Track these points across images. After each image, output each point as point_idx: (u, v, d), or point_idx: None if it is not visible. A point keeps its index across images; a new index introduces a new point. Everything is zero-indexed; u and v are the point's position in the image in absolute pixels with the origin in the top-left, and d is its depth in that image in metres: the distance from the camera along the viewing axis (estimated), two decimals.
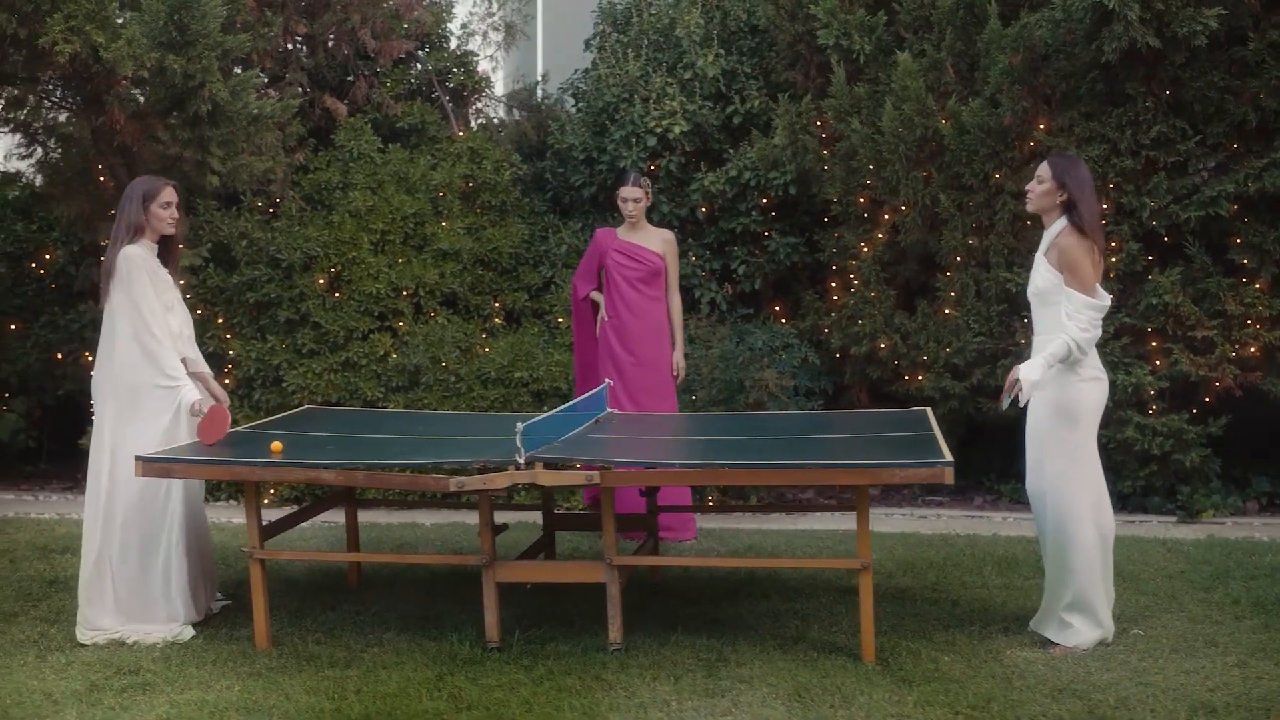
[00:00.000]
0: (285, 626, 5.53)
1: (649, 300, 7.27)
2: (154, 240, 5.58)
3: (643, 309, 7.26)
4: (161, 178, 5.71)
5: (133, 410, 5.43)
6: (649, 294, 7.27)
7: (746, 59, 9.03)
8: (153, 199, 5.53)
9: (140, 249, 5.49)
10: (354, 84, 9.31)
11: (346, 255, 8.67)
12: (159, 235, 5.59)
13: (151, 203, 5.53)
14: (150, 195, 5.53)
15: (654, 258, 7.25)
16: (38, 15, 6.77)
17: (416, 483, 5.00)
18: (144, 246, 5.52)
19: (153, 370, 5.43)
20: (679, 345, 7.34)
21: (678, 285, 7.40)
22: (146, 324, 5.42)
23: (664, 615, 5.60)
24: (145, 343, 5.42)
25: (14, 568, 6.79)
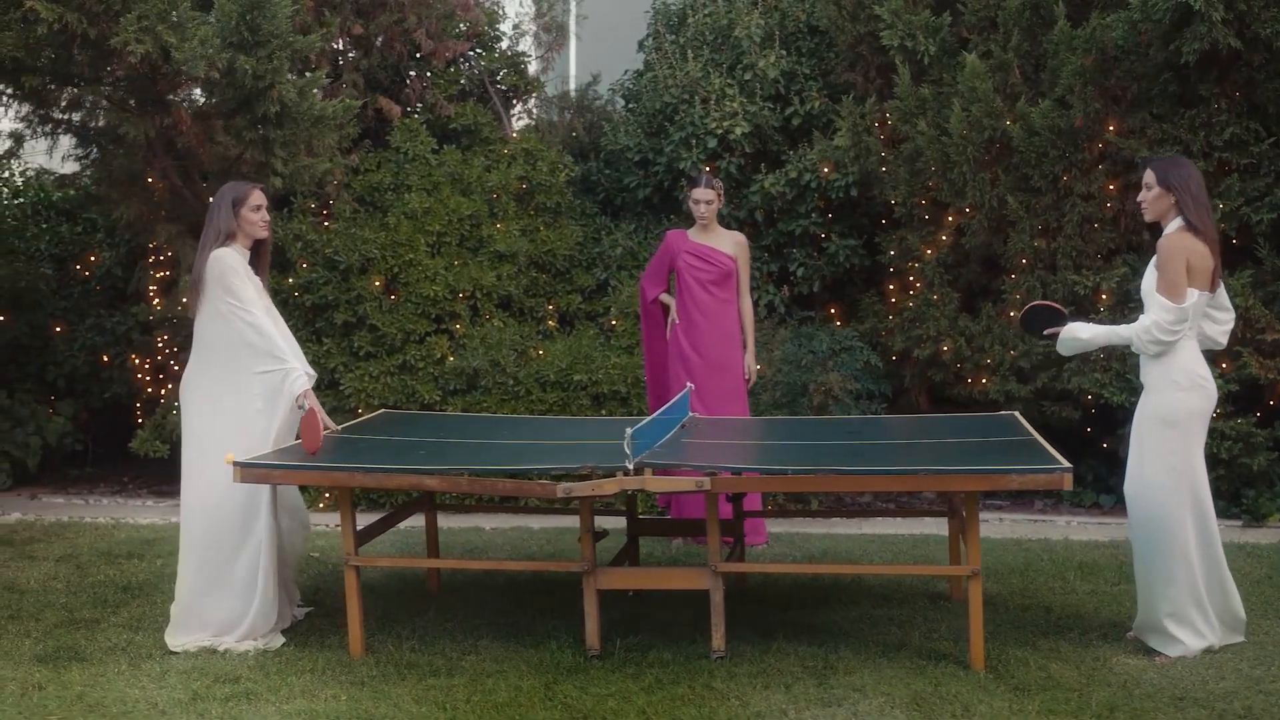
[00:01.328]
0: (374, 634, 5.46)
1: (720, 303, 7.21)
2: (246, 245, 5.51)
3: (714, 311, 7.20)
4: (249, 181, 5.64)
5: (224, 411, 5.34)
6: (720, 296, 7.20)
7: (805, 60, 8.97)
8: (242, 203, 5.45)
9: (231, 251, 5.41)
10: (407, 85, 9.23)
11: (403, 257, 8.60)
12: (250, 240, 5.52)
13: (241, 206, 5.45)
14: (240, 199, 5.45)
15: (726, 260, 7.19)
16: (109, 15, 6.70)
17: (523, 489, 4.94)
18: (236, 251, 5.44)
19: (254, 356, 5.33)
20: (750, 348, 7.28)
21: (749, 287, 7.35)
22: (247, 312, 5.32)
23: (757, 621, 5.53)
24: (244, 332, 5.32)
25: (82, 573, 6.71)
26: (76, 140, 8.58)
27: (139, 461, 9.29)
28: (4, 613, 5.94)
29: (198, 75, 6.72)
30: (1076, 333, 5.29)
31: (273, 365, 5.36)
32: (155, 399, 9.25)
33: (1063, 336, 5.31)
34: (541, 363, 8.43)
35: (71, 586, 6.43)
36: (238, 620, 5.33)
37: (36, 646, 5.41)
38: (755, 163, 8.87)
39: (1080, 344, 5.33)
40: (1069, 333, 5.30)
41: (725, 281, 7.21)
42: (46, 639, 5.53)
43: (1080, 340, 5.30)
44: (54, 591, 6.33)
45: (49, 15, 6.55)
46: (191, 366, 5.52)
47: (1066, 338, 5.32)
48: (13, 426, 9.21)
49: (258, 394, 5.36)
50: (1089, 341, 5.31)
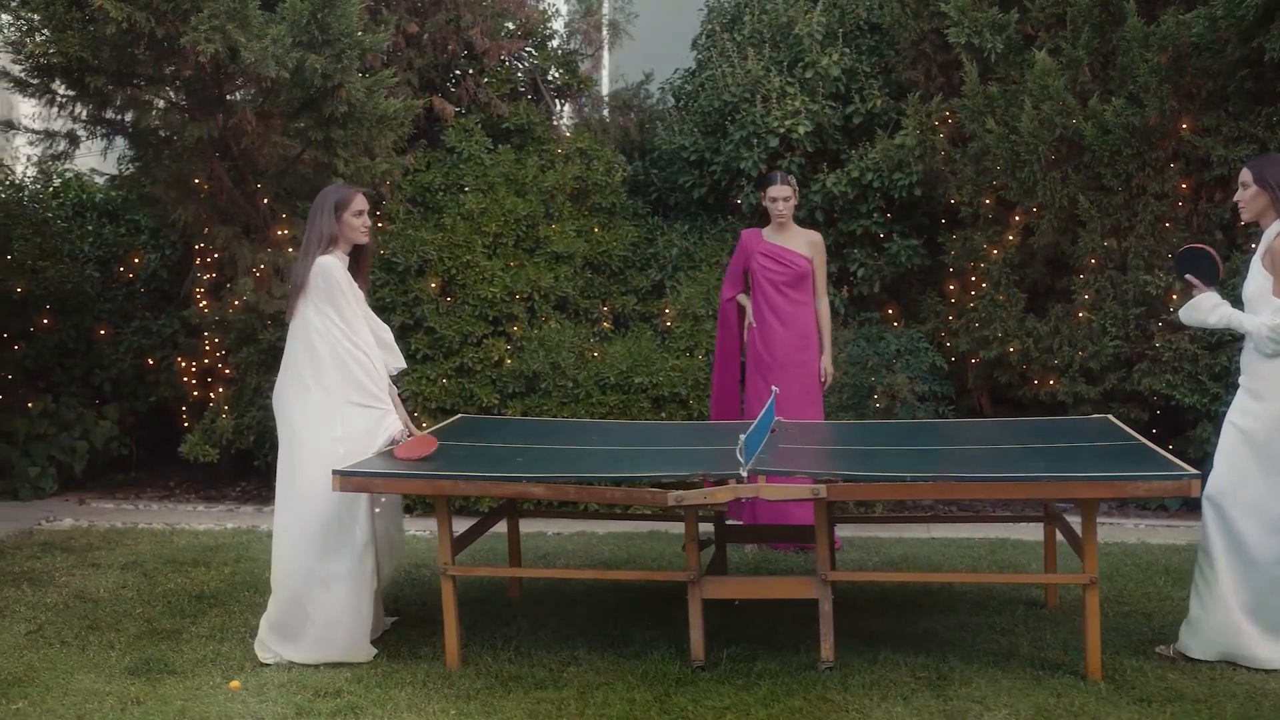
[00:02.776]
0: (465, 643, 5.32)
1: (794, 304, 7.10)
2: (346, 251, 5.39)
3: (788, 313, 7.09)
4: (350, 185, 5.53)
5: (324, 427, 5.23)
6: (795, 298, 7.09)
7: (865, 58, 8.86)
8: (345, 207, 5.33)
9: (335, 260, 5.30)
10: (460, 84, 9.11)
11: (460, 259, 8.49)
12: (350, 245, 5.40)
13: (344, 212, 5.33)
14: (342, 204, 5.33)
15: (800, 260, 7.08)
16: (177, 14, 6.58)
17: (632, 497, 4.83)
18: (337, 257, 5.33)
19: (351, 388, 5.24)
20: (827, 350, 7.16)
21: (826, 288, 7.22)
22: (351, 340, 5.23)
23: (855, 630, 5.42)
24: (346, 359, 5.22)
25: (150, 582, 6.59)
26: (128, 142, 8.47)
27: (185, 465, 9.19)
28: (81, 623, 5.83)
29: (268, 74, 6.60)
30: (1203, 302, 5.15)
31: (370, 402, 5.27)
32: (203, 403, 9.13)
33: (1194, 300, 5.17)
34: (601, 365, 8.32)
35: (143, 595, 6.31)
36: (331, 633, 5.21)
37: (124, 659, 5.29)
38: (815, 162, 8.76)
39: (1201, 315, 5.17)
40: (1202, 299, 5.15)
41: (799, 283, 7.09)
42: (132, 650, 5.41)
43: (1202, 310, 5.14)
44: (126, 601, 6.21)
45: (118, 14, 6.44)
46: (284, 374, 5.40)
47: (1196, 303, 5.17)
48: (59, 431, 9.10)
49: (353, 418, 5.25)
50: (1211, 311, 5.13)
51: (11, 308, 9.15)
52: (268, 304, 8.19)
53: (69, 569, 6.86)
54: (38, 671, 5.13)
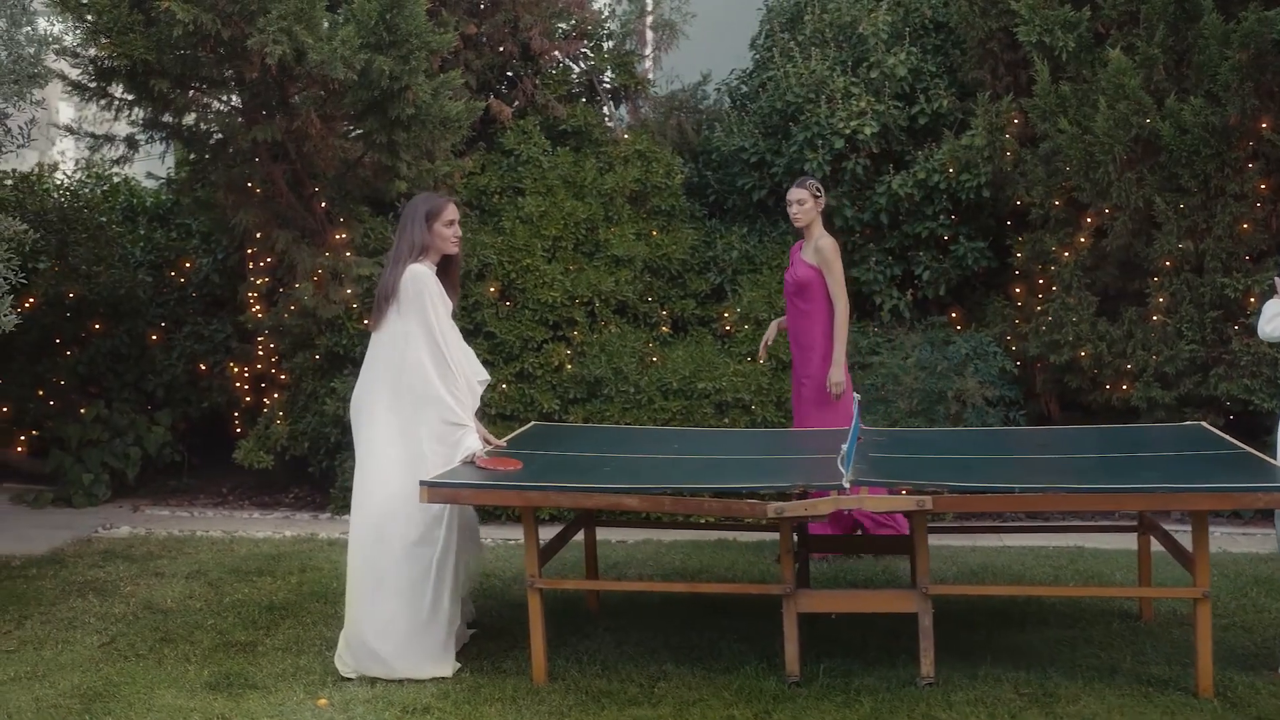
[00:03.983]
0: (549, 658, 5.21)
1: (799, 314, 6.93)
2: (435, 260, 5.27)
3: (793, 323, 6.98)
4: (442, 194, 5.42)
5: (406, 439, 5.11)
6: (801, 307, 6.91)
7: (931, 57, 8.71)
8: (436, 216, 5.22)
9: (428, 270, 5.18)
10: (517, 86, 9.00)
11: (520, 263, 8.37)
12: (439, 255, 5.28)
13: (435, 221, 5.22)
14: (434, 212, 5.22)
15: (801, 269, 6.88)
16: (244, 16, 6.48)
17: (731, 509, 4.70)
18: (427, 266, 5.21)
19: (434, 401, 5.12)
20: (833, 360, 6.80)
21: (838, 296, 6.81)
22: (441, 352, 5.12)
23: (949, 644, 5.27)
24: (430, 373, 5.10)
25: (216, 592, 6.49)
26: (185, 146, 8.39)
27: (237, 472, 9.10)
28: (153, 634, 5.73)
29: (335, 76, 6.49)
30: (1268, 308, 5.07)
31: (452, 417, 5.16)
32: (255, 408, 9.04)
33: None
34: (663, 370, 8.20)
35: (212, 606, 6.21)
36: (413, 647, 5.09)
37: (202, 672, 5.20)
38: (879, 164, 8.62)
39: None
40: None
41: (803, 292, 6.88)
42: (209, 664, 5.31)
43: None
44: (195, 611, 6.12)
45: (185, 16, 6.34)
46: (364, 382, 5.29)
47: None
48: (112, 437, 9.02)
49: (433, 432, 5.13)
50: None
51: (65, 313, 9.07)
52: (325, 309, 8.08)
53: (133, 578, 6.77)
54: (117, 686, 5.04)
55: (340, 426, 8.37)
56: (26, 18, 6.01)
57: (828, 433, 5.85)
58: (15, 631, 5.80)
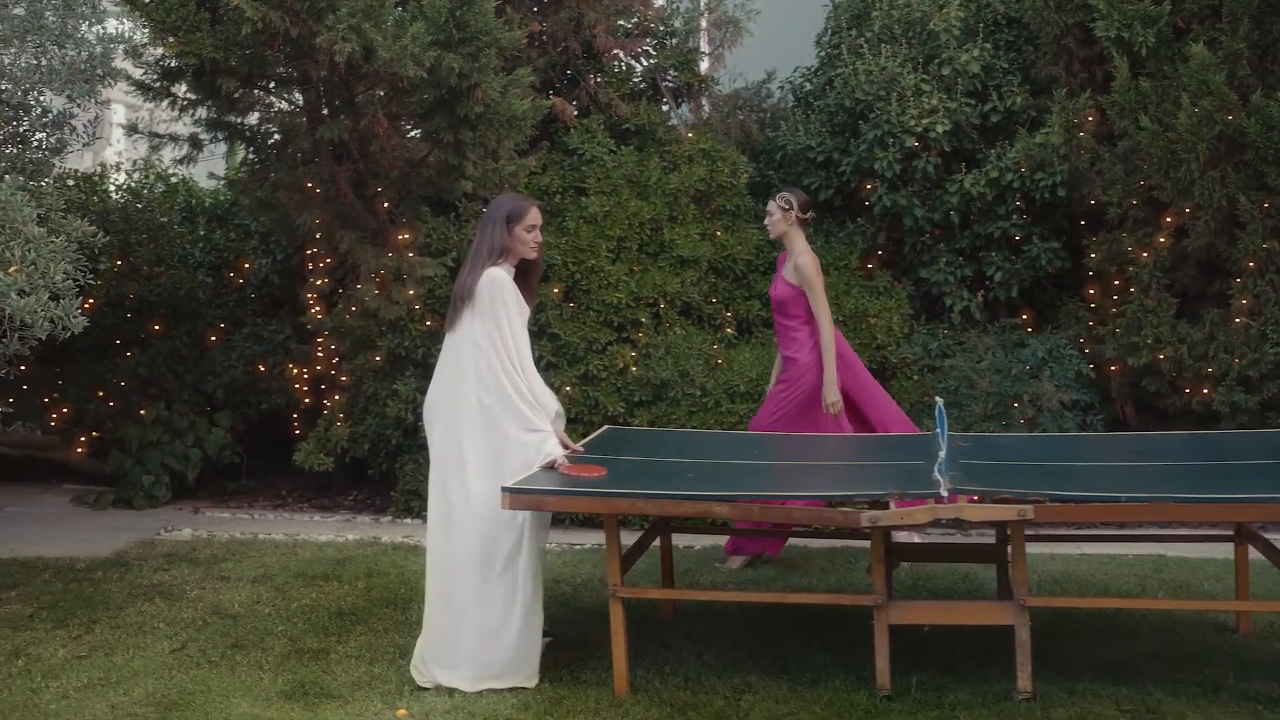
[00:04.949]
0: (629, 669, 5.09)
1: (783, 328, 6.86)
2: (513, 264, 5.16)
3: (780, 336, 6.92)
4: (524, 196, 5.29)
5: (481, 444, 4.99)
6: (784, 322, 6.84)
7: (1004, 53, 8.52)
8: (518, 220, 5.10)
9: (505, 275, 5.07)
10: (579, 84, 8.88)
11: (585, 263, 8.25)
12: (518, 259, 5.17)
13: (517, 224, 5.10)
14: (515, 216, 5.10)
15: (781, 286, 6.81)
16: (312, 13, 6.40)
17: (823, 517, 4.56)
18: (505, 270, 5.10)
19: (508, 408, 5.00)
20: (826, 382, 6.58)
21: (821, 314, 6.66)
22: (516, 358, 5.00)
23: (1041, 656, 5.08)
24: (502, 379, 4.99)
25: (283, 597, 6.40)
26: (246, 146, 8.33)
27: (296, 474, 9.04)
28: (224, 641, 5.65)
29: (405, 74, 6.39)
30: None
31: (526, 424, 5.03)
32: (315, 410, 8.96)
33: None
34: (730, 373, 8.06)
35: (280, 611, 6.12)
36: (492, 656, 4.98)
37: (276, 681, 5.10)
38: (950, 162, 8.44)
39: None
40: None
41: (783, 308, 6.81)
42: (282, 672, 5.22)
43: None
44: (264, 617, 6.03)
45: (254, 14, 6.26)
46: (437, 385, 5.18)
47: None
48: (172, 438, 8.96)
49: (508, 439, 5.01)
50: None
51: (126, 314, 9.04)
52: (387, 310, 8.00)
53: (199, 582, 6.70)
54: (192, 694, 4.95)
55: (402, 429, 8.30)
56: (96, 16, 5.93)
57: (910, 438, 5.71)
58: (85, 636, 5.74)
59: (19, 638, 5.70)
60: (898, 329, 8.44)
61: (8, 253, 5.23)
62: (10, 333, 5.32)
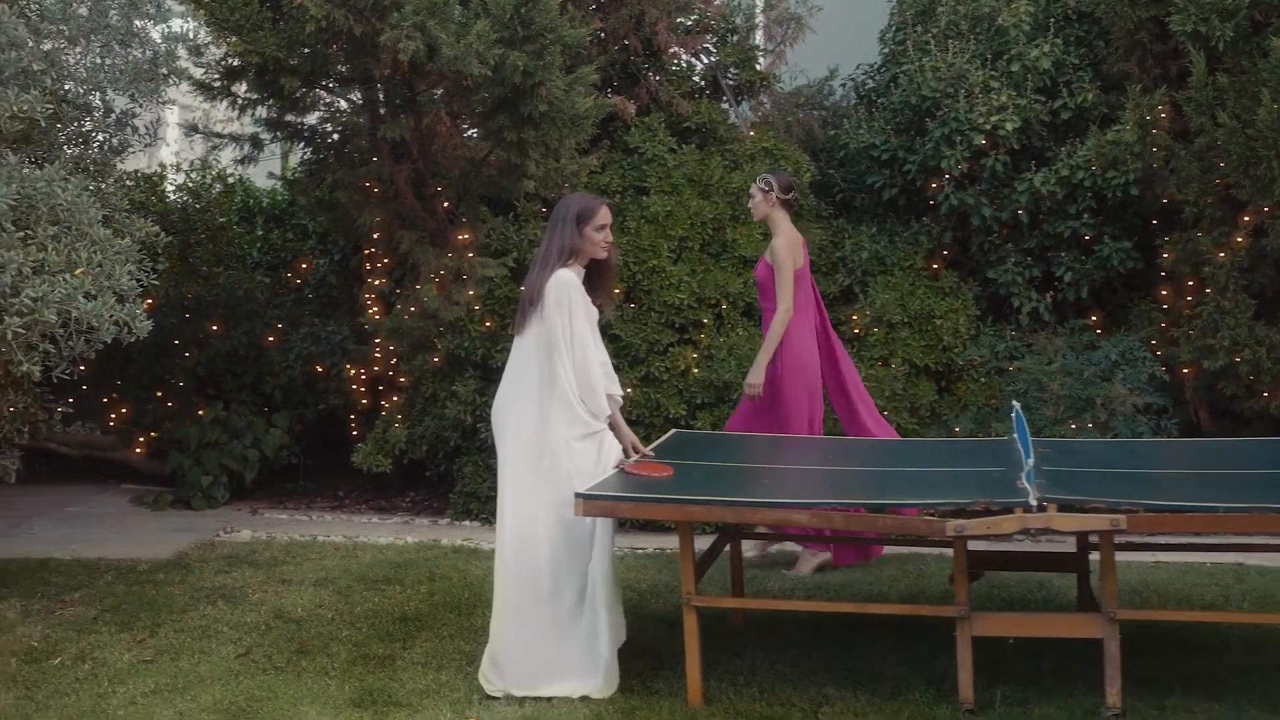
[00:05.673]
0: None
1: (764, 312, 6.80)
2: (583, 265, 5.06)
3: (763, 323, 6.82)
4: (594, 195, 5.19)
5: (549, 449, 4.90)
6: (764, 305, 6.79)
7: (1074, 49, 8.33)
8: (588, 220, 4.99)
9: (574, 276, 4.97)
10: (639, 83, 8.77)
11: (646, 264, 8.14)
12: (588, 259, 5.07)
13: (587, 224, 4.99)
14: (585, 216, 4.99)
15: (760, 267, 6.74)
16: (376, 11, 6.33)
17: (906, 526, 4.43)
18: (575, 272, 5.00)
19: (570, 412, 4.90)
20: (756, 363, 6.56)
21: (781, 297, 6.52)
22: (581, 358, 4.90)
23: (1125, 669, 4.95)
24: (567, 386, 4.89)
25: (346, 601, 6.34)
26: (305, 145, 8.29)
27: (353, 475, 9.01)
28: (289, 646, 5.59)
29: (469, 73, 6.31)
30: None
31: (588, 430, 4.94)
32: (373, 411, 8.92)
33: None
34: None
35: (344, 616, 6.06)
36: (564, 665, 4.88)
37: (344, 688, 5.03)
38: (1018, 160, 8.27)
39: None
40: None
41: (762, 291, 6.75)
42: (348, 679, 5.15)
43: None
44: (328, 622, 5.96)
45: (318, 12, 6.20)
46: (505, 389, 5.09)
47: None
48: (230, 439, 8.94)
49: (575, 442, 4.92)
50: None
51: (184, 314, 9.02)
52: (447, 310, 7.92)
53: (260, 585, 6.64)
54: (260, 701, 4.89)
55: (460, 430, 8.23)
56: (160, 14, 5.89)
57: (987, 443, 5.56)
58: (150, 640, 5.70)
59: (84, 640, 5.67)
60: (964, 330, 8.29)
61: (74, 255, 5.19)
62: (76, 335, 5.27)
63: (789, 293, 6.54)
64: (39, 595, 6.42)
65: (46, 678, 5.18)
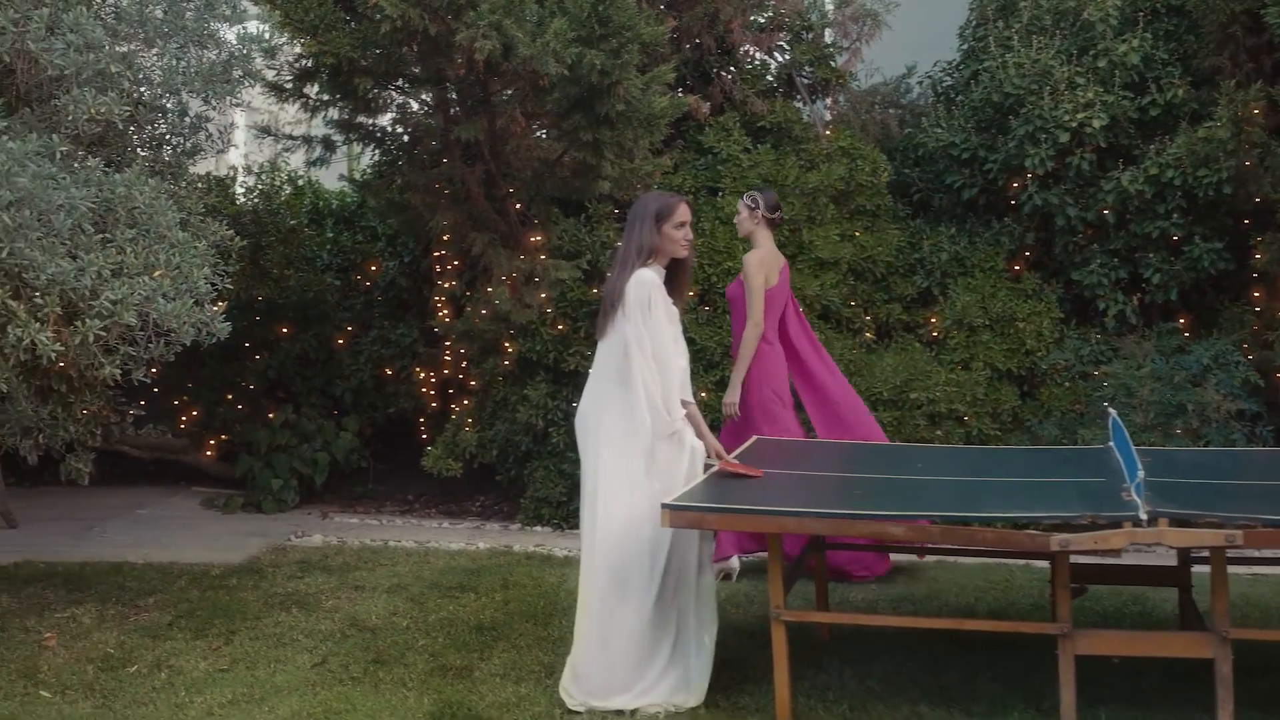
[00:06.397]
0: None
1: (734, 329, 6.72)
2: (663, 265, 4.93)
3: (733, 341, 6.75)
4: (671, 193, 5.06)
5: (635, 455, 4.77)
6: (734, 321, 6.71)
7: (1163, 43, 8.08)
8: (667, 218, 4.87)
9: (654, 275, 4.85)
10: (713, 81, 8.63)
11: (720, 265, 8.01)
12: (668, 259, 4.94)
13: (666, 222, 4.87)
14: (664, 213, 4.87)
15: (733, 284, 6.69)
16: (451, 10, 6.23)
17: (1008, 540, 4.25)
18: (655, 271, 4.88)
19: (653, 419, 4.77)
20: (731, 383, 6.53)
21: (751, 313, 6.43)
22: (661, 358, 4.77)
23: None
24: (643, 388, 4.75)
25: (420, 609, 6.24)
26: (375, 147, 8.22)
27: (421, 478, 8.94)
28: (365, 655, 5.49)
29: (546, 72, 6.20)
30: None
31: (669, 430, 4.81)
32: (443, 414, 8.84)
33: None
34: (872, 379, 7.75)
35: (418, 624, 5.96)
36: (648, 677, 4.75)
37: (422, 700, 4.93)
38: (1105, 159, 8.03)
39: None
40: None
41: (732, 305, 6.70)
42: (427, 690, 5.04)
43: None
44: (402, 630, 5.87)
45: (393, 11, 6.11)
46: (590, 393, 4.98)
47: None
48: (300, 442, 8.90)
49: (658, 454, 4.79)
50: None
51: (255, 317, 8.99)
52: (519, 313, 7.82)
53: (333, 591, 6.57)
54: (338, 714, 4.79)
55: (531, 434, 8.13)
56: (236, 15, 5.83)
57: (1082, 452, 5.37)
58: (225, 647, 5.63)
59: (160, 648, 5.62)
60: (1047, 334, 8.07)
61: (152, 257, 5.13)
62: (155, 338, 5.21)
63: (759, 309, 6.46)
64: (114, 600, 6.38)
65: (124, 686, 5.13)
